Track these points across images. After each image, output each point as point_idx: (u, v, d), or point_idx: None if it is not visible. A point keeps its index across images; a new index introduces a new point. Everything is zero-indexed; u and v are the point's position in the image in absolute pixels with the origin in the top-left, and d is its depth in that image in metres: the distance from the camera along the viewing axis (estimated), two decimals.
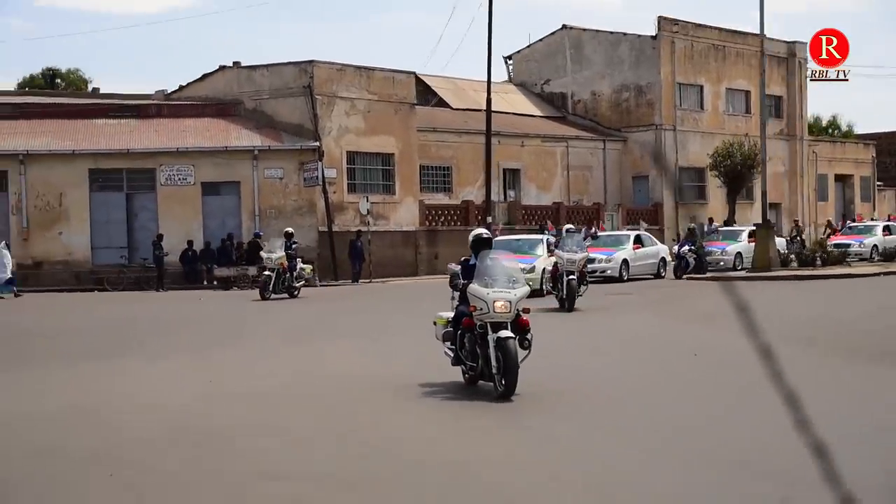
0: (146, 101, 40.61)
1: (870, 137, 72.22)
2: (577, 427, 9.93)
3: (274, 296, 28.10)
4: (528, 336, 11.85)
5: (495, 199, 45.86)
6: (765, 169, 37.21)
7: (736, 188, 52.03)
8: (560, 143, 49.74)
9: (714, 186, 53.23)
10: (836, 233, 45.22)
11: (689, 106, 53.95)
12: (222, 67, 40.36)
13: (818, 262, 34.65)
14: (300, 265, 29.58)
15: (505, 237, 32.24)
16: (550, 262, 26.96)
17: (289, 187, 37.75)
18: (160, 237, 34.76)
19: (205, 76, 40.78)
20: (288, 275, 28.80)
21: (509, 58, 56.53)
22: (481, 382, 11.92)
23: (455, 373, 12.22)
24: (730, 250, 36.82)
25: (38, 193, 35.96)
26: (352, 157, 39.48)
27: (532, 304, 22.76)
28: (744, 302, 2.80)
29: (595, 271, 30.95)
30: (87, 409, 11.18)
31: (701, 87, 54.18)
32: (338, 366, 14.42)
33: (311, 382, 12.92)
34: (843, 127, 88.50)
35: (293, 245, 29.46)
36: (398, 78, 41.01)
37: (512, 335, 11.51)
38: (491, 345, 11.52)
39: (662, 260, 35.25)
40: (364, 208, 38.47)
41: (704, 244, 35.86)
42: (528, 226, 43.90)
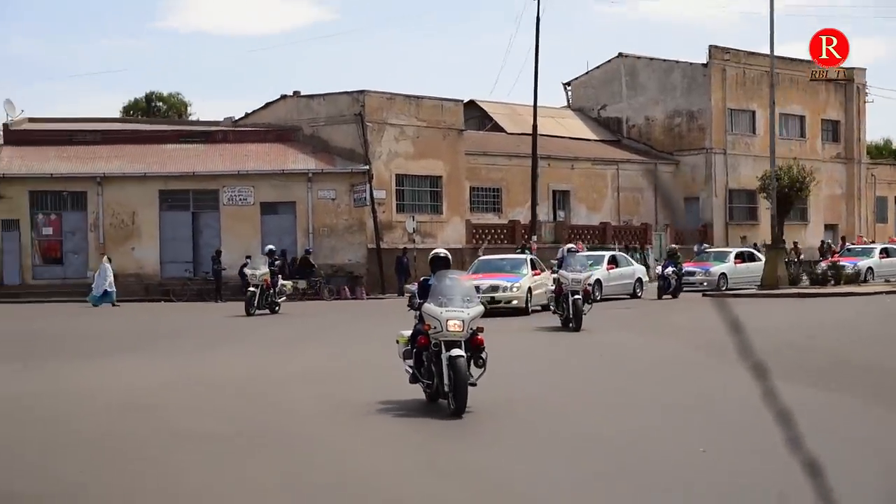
0: (214, 128, 44.24)
1: None
2: (506, 447, 10.16)
3: (257, 312, 28.86)
4: (483, 355, 12.05)
5: (544, 218, 48.43)
6: (775, 189, 39.39)
7: (784, 210, 53.57)
8: (610, 165, 52.05)
9: (763, 208, 54.87)
10: (834, 254, 45.80)
11: (741, 130, 55.76)
12: (284, 96, 43.76)
13: (830, 280, 36.35)
14: (281, 282, 30.56)
15: (489, 257, 33.05)
16: (535, 281, 28.43)
17: (340, 207, 40.83)
18: (219, 253, 38.07)
19: (268, 104, 44.25)
20: (271, 291, 29.63)
21: (568, 84, 59.06)
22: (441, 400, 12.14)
23: (416, 391, 12.42)
24: (713, 271, 37.76)
25: (113, 212, 39.64)
26: (400, 179, 42.42)
27: (537, 324, 24.14)
28: (733, 318, 2.81)
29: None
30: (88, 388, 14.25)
31: (753, 112, 55.92)
32: (297, 384, 14.71)
33: (267, 394, 13.70)
34: None
35: (276, 262, 30.56)
36: (446, 105, 43.91)
37: (463, 354, 11.70)
38: (444, 363, 11.74)
39: (639, 280, 35.73)
40: (410, 227, 41.43)
41: (690, 265, 37.60)
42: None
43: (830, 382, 13.92)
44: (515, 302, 27.76)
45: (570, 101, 59.00)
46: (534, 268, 29.36)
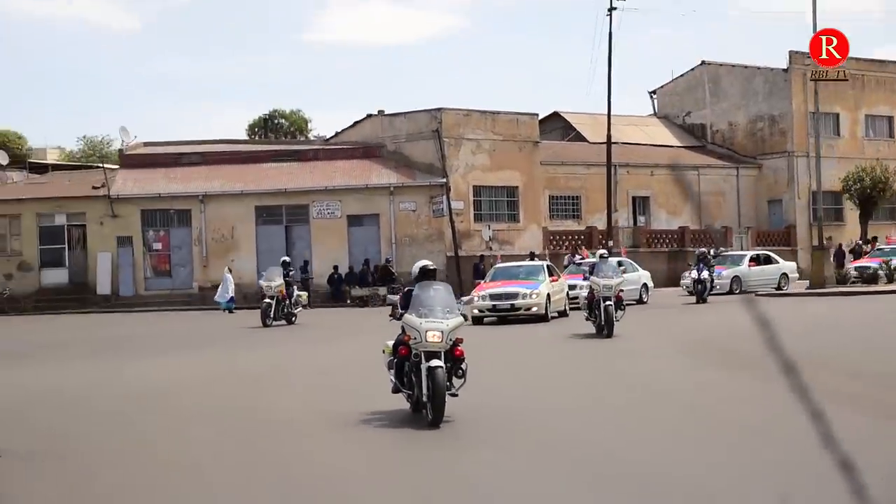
0: (305, 147, 47.94)
1: None
2: (474, 457, 10.35)
3: (274, 323, 29.38)
4: (463, 366, 12.21)
5: (624, 224, 50.68)
6: (820, 192, 40.71)
7: (868, 210, 54.51)
8: (691, 171, 53.87)
9: (848, 209, 55.87)
10: (865, 254, 45.38)
11: (824, 133, 56.79)
12: (369, 115, 47.12)
13: (882, 279, 37.68)
14: (297, 292, 30.99)
15: (506, 264, 33.06)
16: (553, 288, 28.92)
17: (420, 218, 43.93)
18: (306, 263, 41.58)
19: (355, 123, 47.71)
20: (286, 302, 30.02)
21: (654, 92, 61.00)
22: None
23: (402, 400, 12.55)
24: (725, 275, 38.08)
25: (214, 227, 43.56)
26: (478, 190, 45.28)
27: (569, 330, 24.21)
28: (761, 316, 2.80)
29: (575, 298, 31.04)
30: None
31: (837, 114, 56.92)
32: (286, 394, 15.37)
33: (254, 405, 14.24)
34: None
35: (290, 273, 30.92)
36: (522, 119, 46.61)
37: (441, 365, 11.81)
38: (423, 373, 11.87)
39: (644, 286, 36.57)
40: (486, 235, 44.26)
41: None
42: (652, 249, 48.69)
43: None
44: (535, 309, 27.96)
45: (655, 108, 60.93)
46: (551, 274, 29.83)
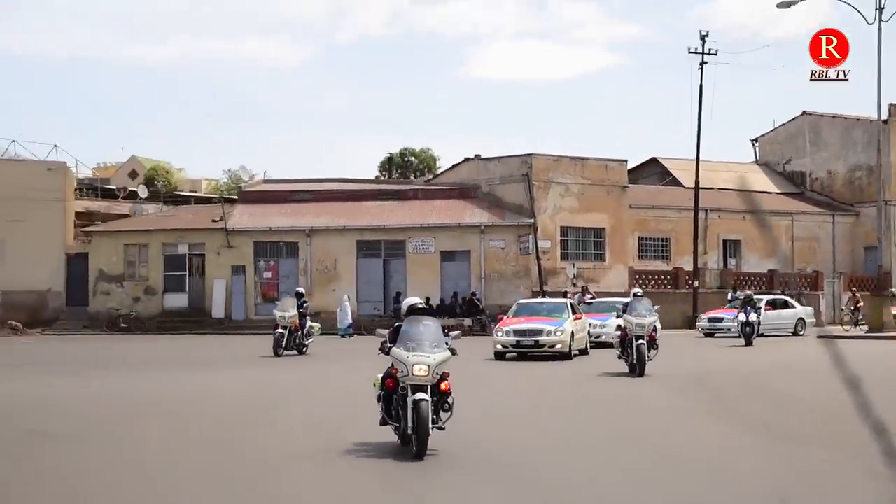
0: (406, 187, 51.47)
1: None
2: (453, 491, 10.53)
3: (285, 353, 29.37)
4: (449, 400, 12.37)
5: (713, 266, 52.60)
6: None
7: None
8: (785, 217, 55.36)
9: None
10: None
11: None
12: (467, 159, 50.40)
13: None
14: (309, 323, 31.03)
15: (529, 301, 33.40)
16: (576, 326, 28.62)
17: (509, 255, 46.86)
18: (398, 294, 44.92)
19: (454, 166, 51.09)
20: (299, 333, 30.02)
21: (756, 140, 62.63)
22: None
23: (391, 433, 12.62)
24: (741, 318, 36.95)
25: (319, 259, 47.39)
26: (565, 230, 47.96)
27: (598, 369, 23.71)
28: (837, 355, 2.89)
29: (599, 336, 32.07)
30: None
31: None
32: (285, 424, 15.37)
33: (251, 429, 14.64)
34: None
35: (304, 304, 30.80)
36: (610, 165, 49.19)
37: (426, 398, 11.98)
38: (409, 406, 12.03)
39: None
40: (571, 273, 46.89)
41: (721, 311, 39.55)
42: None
43: None
44: (559, 346, 27.64)
45: (757, 156, 62.52)
46: (573, 312, 29.48)
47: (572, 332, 28.15)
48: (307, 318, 30.98)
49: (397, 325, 12.90)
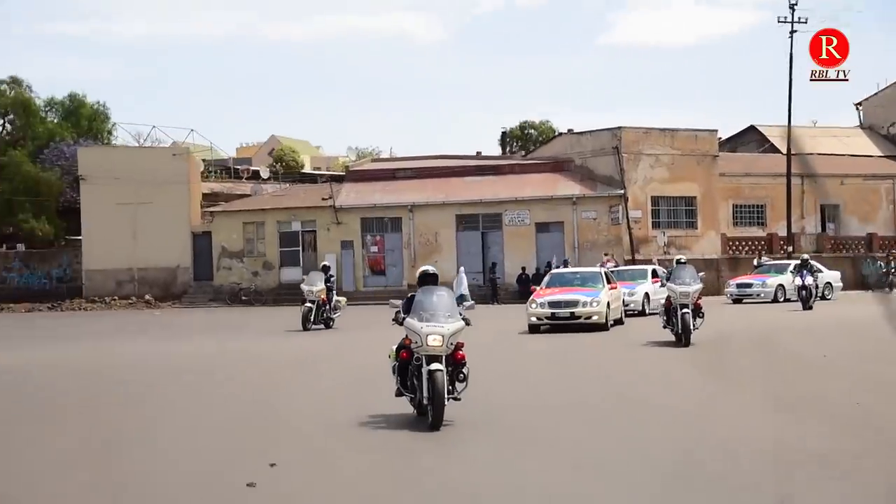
0: (504, 162, 53.85)
1: None
2: (467, 460, 10.59)
3: (313, 327, 29.82)
4: (464, 370, 12.43)
5: (811, 231, 53.59)
6: None
7: None
8: (885, 180, 55.76)
9: None
10: None
11: None
12: (560, 133, 52.50)
13: None
14: (336, 298, 31.24)
15: (562, 270, 33.79)
16: (611, 295, 28.16)
17: (600, 225, 48.91)
18: (494, 265, 47.56)
19: (548, 140, 53.20)
20: (326, 307, 30.36)
21: (859, 104, 62.78)
22: None
23: (407, 404, 12.74)
24: (769, 283, 39.20)
25: (421, 233, 50.30)
26: (655, 200, 49.68)
27: (642, 338, 23.39)
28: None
29: (627, 305, 31.65)
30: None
31: None
32: (302, 397, 15.62)
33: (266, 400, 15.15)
34: None
35: (331, 278, 30.87)
36: (700, 135, 50.62)
37: (441, 368, 12.03)
38: (424, 377, 12.10)
39: (828, 284, 38.59)
40: (661, 241, 48.70)
41: (749, 277, 39.99)
42: (835, 254, 51.36)
43: None
44: (595, 317, 27.14)
45: (861, 120, 62.70)
46: (608, 281, 29.11)
47: (608, 303, 27.62)
48: (334, 293, 31.08)
49: (411, 295, 12.92)
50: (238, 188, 59.77)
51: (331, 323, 30.68)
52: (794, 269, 37.53)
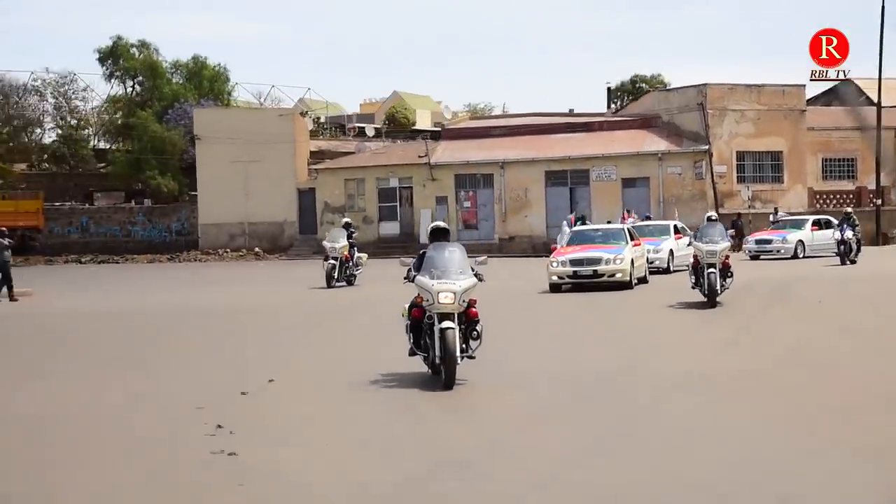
0: (593, 119, 55.35)
1: None
2: (474, 421, 10.43)
3: (337, 284, 29.39)
4: (478, 328, 12.19)
5: None
6: None
7: None
8: None
9: None
10: None
11: None
12: (648, 90, 53.74)
13: None
14: (357, 254, 30.91)
15: (584, 227, 33.14)
16: (635, 253, 27.25)
17: (685, 180, 50.21)
18: (583, 217, 49.26)
19: (637, 97, 54.48)
20: (349, 264, 30.05)
21: None
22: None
23: (421, 363, 12.59)
24: (790, 238, 38.81)
25: (511, 188, 52.38)
26: (741, 155, 50.66)
27: (670, 298, 22.30)
28: None
29: (653, 262, 30.82)
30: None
31: None
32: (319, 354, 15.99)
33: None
34: None
35: (353, 234, 30.62)
36: (788, 90, 51.26)
37: (453, 326, 11.78)
38: (436, 335, 11.87)
39: None
40: (745, 195, 49.76)
41: (767, 233, 39.63)
42: None
43: None
44: (619, 275, 26.18)
45: None
46: (632, 238, 28.12)
47: (632, 260, 26.67)
48: (355, 249, 30.76)
49: (422, 252, 12.68)
50: (344, 146, 62.66)
51: (353, 280, 30.38)
52: (836, 223, 36.53)
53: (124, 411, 11.71)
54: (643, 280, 28.07)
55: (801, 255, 39.06)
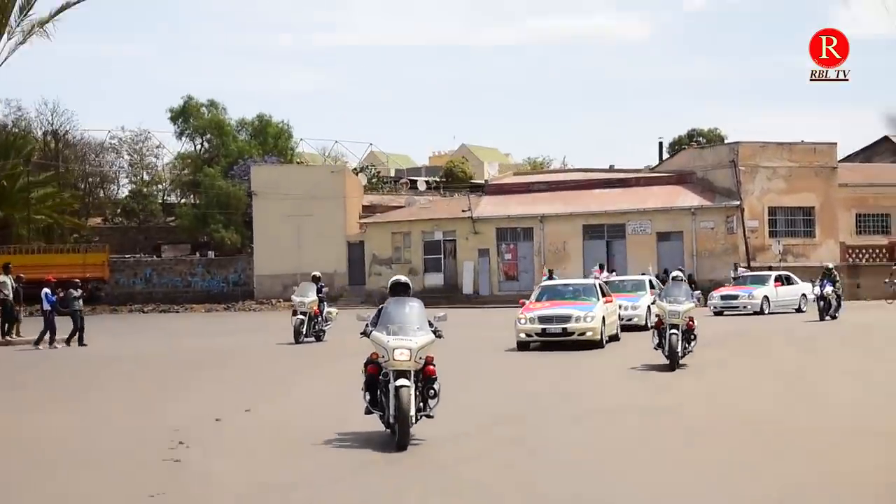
0: (630, 175, 57.18)
1: None
2: (427, 483, 10.09)
3: (305, 340, 28.39)
4: (436, 386, 11.89)
5: None
6: None
7: None
8: None
9: None
10: None
11: None
12: (683, 147, 55.46)
13: None
14: (327, 309, 29.71)
15: (555, 282, 31.96)
16: (607, 310, 25.99)
17: (718, 234, 51.71)
18: (612, 270, 51.09)
19: (673, 155, 56.19)
20: (318, 319, 28.88)
21: None
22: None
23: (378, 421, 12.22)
24: (756, 294, 38.68)
25: (550, 241, 54.35)
26: (773, 210, 52.04)
27: (632, 360, 21.33)
28: None
29: (622, 318, 29.40)
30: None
31: None
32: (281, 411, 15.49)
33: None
34: None
35: (322, 288, 29.60)
36: (819, 148, 52.66)
37: (407, 384, 11.48)
38: (391, 393, 11.56)
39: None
40: (776, 249, 51.06)
41: (732, 288, 39.89)
42: None
43: None
44: (590, 333, 24.88)
45: None
46: (603, 294, 26.81)
47: (603, 317, 25.41)
48: (325, 304, 29.73)
49: (381, 306, 12.42)
50: (396, 200, 65.22)
51: (322, 335, 29.14)
52: (816, 279, 36.11)
53: (109, 430, 14.20)
54: (615, 338, 26.94)
55: (767, 311, 38.63)
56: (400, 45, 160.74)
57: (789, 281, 41.09)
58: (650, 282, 34.62)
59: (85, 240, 65.63)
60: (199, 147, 75.14)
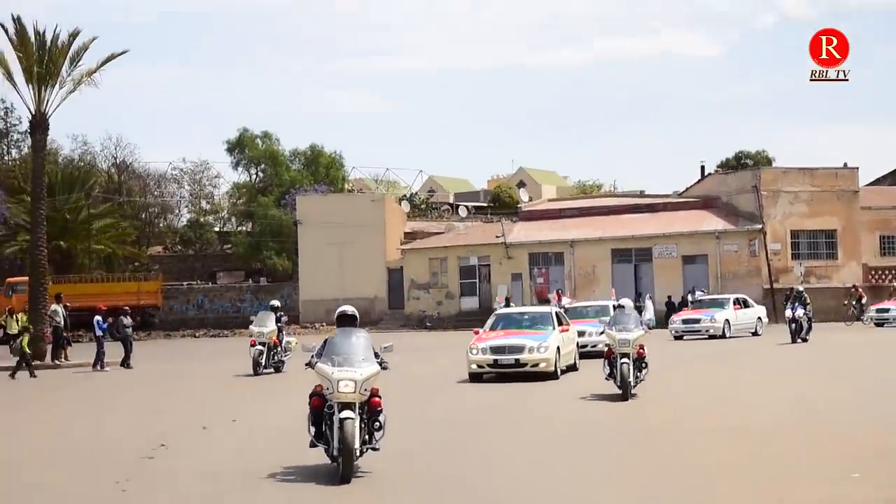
0: (657, 200, 58.97)
1: None
2: None
3: (264, 371, 27.52)
4: (381, 418, 11.77)
5: None
6: None
7: None
8: None
9: None
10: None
11: None
12: (709, 174, 57.17)
13: None
14: (286, 339, 29.19)
15: (509, 310, 30.29)
16: (563, 339, 24.89)
17: (741, 257, 53.31)
18: (639, 295, 52.92)
19: (699, 181, 57.91)
20: (277, 349, 28.24)
21: None
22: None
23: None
24: (718, 317, 38.59)
25: (580, 265, 56.31)
26: (795, 233, 53.51)
27: (582, 391, 20.56)
28: None
29: (586, 345, 28.62)
30: None
31: None
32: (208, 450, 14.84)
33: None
34: None
35: (281, 318, 29.00)
36: (840, 173, 54.12)
37: (352, 416, 11.37)
38: (335, 426, 11.44)
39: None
40: (798, 271, 52.48)
41: (693, 312, 40.08)
42: None
43: None
44: (543, 365, 23.74)
45: None
46: (560, 322, 25.67)
47: (558, 347, 24.25)
48: (284, 334, 29.44)
49: (326, 338, 12.37)
50: (436, 226, 67.63)
51: (281, 366, 28.40)
52: (787, 300, 36.87)
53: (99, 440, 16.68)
54: (573, 367, 25.90)
55: (728, 335, 38.48)
56: (461, 68, 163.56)
57: (746, 304, 41.56)
58: (614, 307, 32.08)
59: (144, 268, 69.00)
60: (253, 177, 78.38)
